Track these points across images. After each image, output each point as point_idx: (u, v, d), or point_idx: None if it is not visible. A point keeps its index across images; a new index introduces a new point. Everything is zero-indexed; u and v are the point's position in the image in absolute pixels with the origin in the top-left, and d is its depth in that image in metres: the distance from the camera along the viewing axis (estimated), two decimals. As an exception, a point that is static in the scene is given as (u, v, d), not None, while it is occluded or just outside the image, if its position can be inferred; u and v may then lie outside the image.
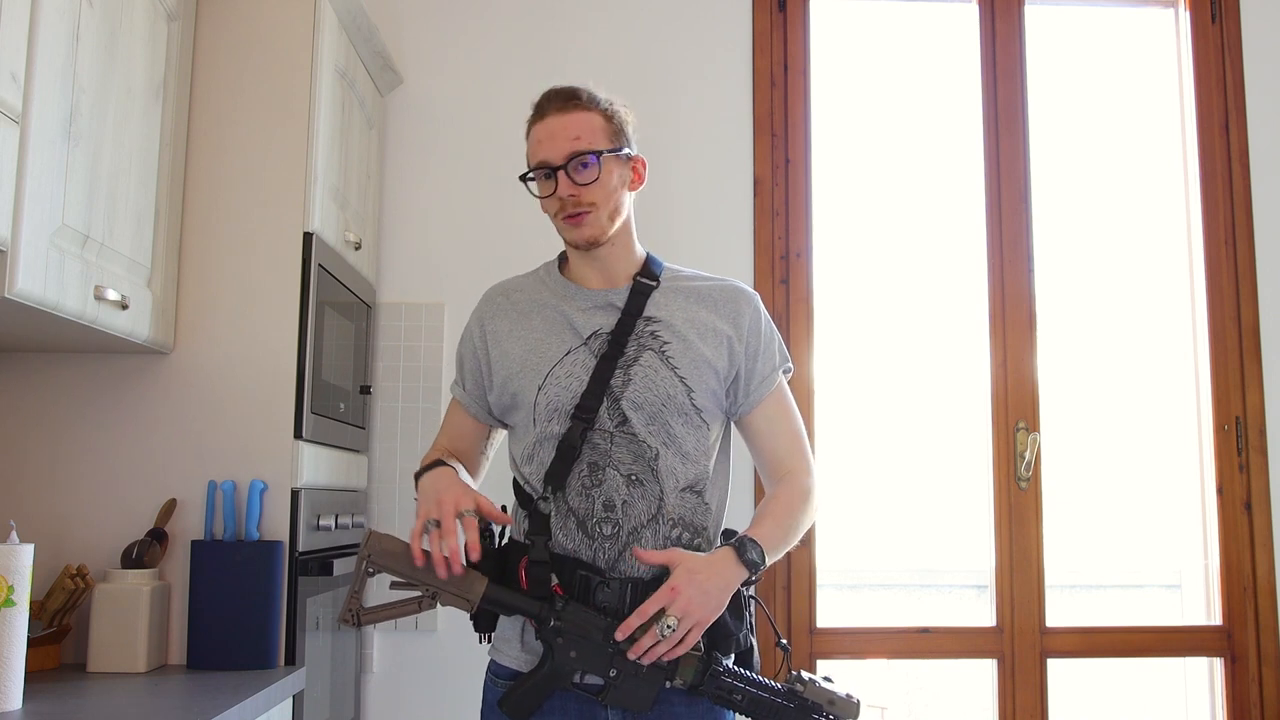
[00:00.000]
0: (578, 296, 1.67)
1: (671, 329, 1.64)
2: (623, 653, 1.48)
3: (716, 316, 1.67)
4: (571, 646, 1.50)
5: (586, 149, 1.61)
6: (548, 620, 1.50)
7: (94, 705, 1.68)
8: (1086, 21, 3.07)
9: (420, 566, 1.49)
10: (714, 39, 2.84)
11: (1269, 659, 2.72)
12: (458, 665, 2.61)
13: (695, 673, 1.49)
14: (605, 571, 1.55)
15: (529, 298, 1.71)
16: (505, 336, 1.68)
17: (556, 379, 1.62)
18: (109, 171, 1.78)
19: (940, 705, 2.95)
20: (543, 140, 1.64)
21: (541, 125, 1.65)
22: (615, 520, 1.57)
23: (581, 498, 1.58)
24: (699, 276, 1.73)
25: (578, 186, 1.60)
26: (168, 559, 2.02)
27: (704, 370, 1.63)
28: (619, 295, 1.66)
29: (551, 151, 1.62)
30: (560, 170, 1.61)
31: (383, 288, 2.71)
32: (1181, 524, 2.91)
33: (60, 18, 1.60)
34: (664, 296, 1.67)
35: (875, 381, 2.92)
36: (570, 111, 1.63)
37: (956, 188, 2.93)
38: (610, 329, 1.63)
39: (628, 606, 1.51)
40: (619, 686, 1.50)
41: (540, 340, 1.65)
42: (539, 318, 1.68)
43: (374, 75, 2.61)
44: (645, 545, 1.57)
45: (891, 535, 2.94)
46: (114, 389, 2.05)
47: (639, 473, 1.59)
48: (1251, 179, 2.84)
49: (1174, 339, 2.93)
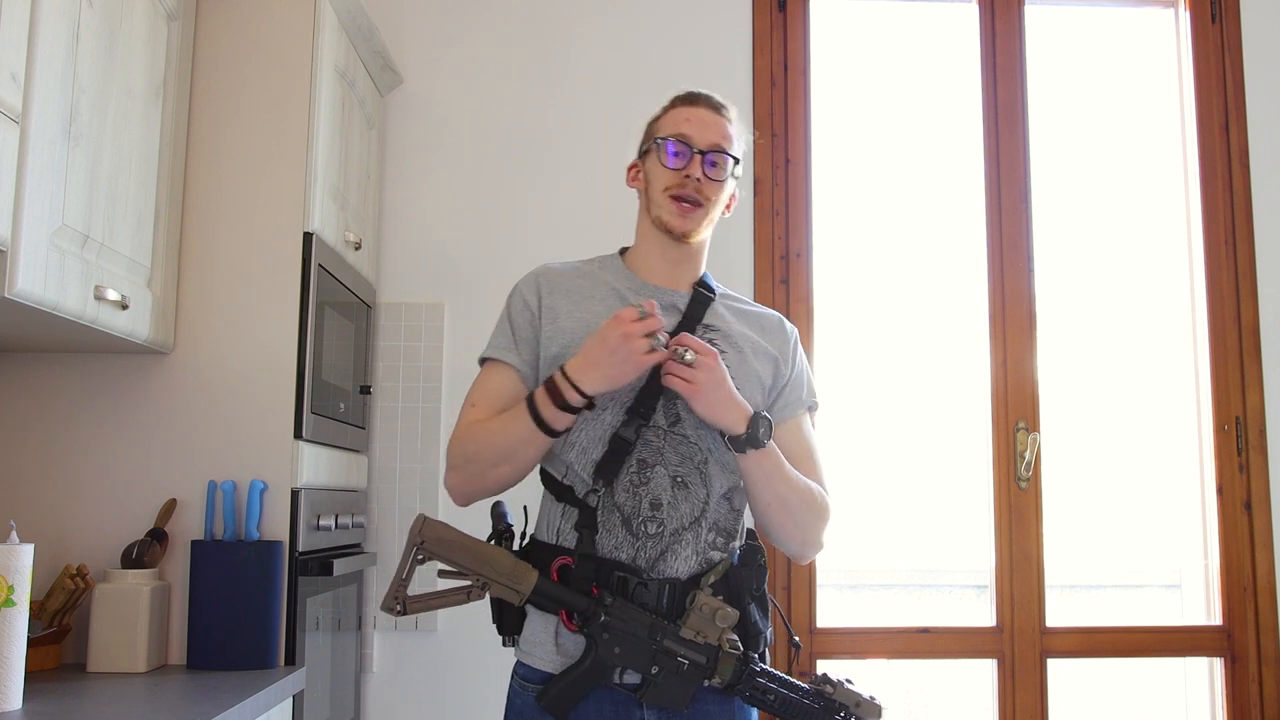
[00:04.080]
0: (643, 291, 1.67)
1: (729, 340, 1.66)
2: (665, 651, 1.49)
3: (766, 338, 1.71)
4: (616, 643, 1.50)
5: (729, 150, 1.66)
6: (596, 615, 1.50)
7: (94, 705, 1.68)
8: (1086, 21, 3.07)
9: (474, 554, 1.49)
10: (714, 39, 2.84)
11: (1269, 659, 2.72)
12: (458, 665, 2.61)
13: (733, 672, 1.50)
14: (644, 571, 1.55)
15: (592, 282, 1.70)
16: (563, 314, 1.65)
17: None
18: (109, 171, 1.78)
19: (940, 705, 2.95)
20: (692, 120, 1.66)
21: (692, 109, 1.67)
22: (660, 520, 1.57)
23: (628, 494, 1.57)
24: (745, 300, 1.79)
25: (706, 179, 1.63)
26: (168, 559, 2.02)
27: (753, 384, 1.65)
28: (681, 299, 1.68)
29: (699, 135, 1.64)
30: (699, 154, 1.63)
31: (383, 288, 2.71)
32: (1181, 524, 2.91)
33: (60, 18, 1.60)
34: (721, 309, 1.71)
35: (875, 382, 2.92)
36: (723, 116, 1.67)
37: (956, 188, 2.93)
38: (670, 329, 1.62)
39: (666, 607, 1.53)
40: (659, 684, 1.50)
41: (599, 323, 1.62)
42: (600, 302, 1.66)
43: (374, 75, 2.61)
44: (685, 548, 1.57)
45: (892, 535, 2.93)
46: (114, 389, 2.05)
47: (686, 475, 1.59)
48: (1251, 179, 2.84)
49: (1174, 339, 2.93)
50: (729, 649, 1.50)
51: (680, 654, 1.50)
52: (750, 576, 1.59)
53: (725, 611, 1.49)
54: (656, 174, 1.66)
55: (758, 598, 1.59)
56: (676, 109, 1.69)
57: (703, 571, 1.56)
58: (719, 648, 1.50)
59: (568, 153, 2.78)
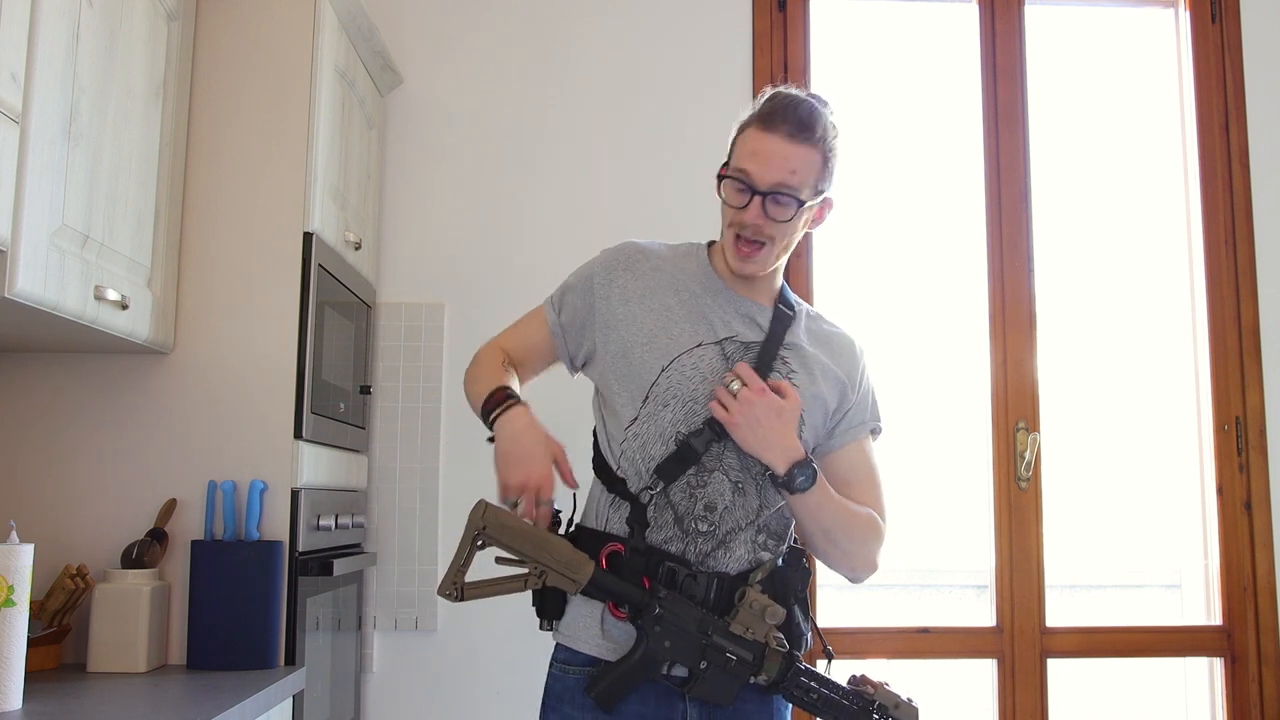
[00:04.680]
0: (721, 295, 1.65)
1: (801, 361, 1.65)
2: (715, 646, 1.50)
3: (836, 361, 1.70)
4: (667, 636, 1.50)
5: (794, 190, 1.55)
6: (650, 608, 1.50)
7: (94, 705, 1.68)
8: (1086, 21, 3.07)
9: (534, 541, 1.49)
10: (714, 39, 2.84)
11: (1269, 659, 2.72)
12: (458, 665, 2.61)
13: (779, 670, 1.51)
14: (693, 565, 1.55)
15: (671, 272, 1.67)
16: (636, 300, 1.63)
17: (683, 366, 1.59)
18: (109, 171, 1.78)
19: (940, 705, 2.95)
20: (757, 153, 1.55)
21: (764, 138, 1.56)
22: (713, 521, 1.57)
23: (684, 495, 1.58)
24: (822, 318, 1.76)
25: (767, 219, 1.56)
26: (168, 559, 2.02)
27: (816, 407, 1.64)
28: (761, 313, 1.66)
29: (760, 173, 1.55)
30: (759, 196, 1.55)
31: (383, 288, 2.71)
32: (1181, 524, 2.91)
33: (60, 18, 1.60)
34: (800, 329, 1.68)
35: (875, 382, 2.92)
36: (799, 144, 1.55)
37: (956, 188, 2.93)
38: (746, 340, 1.63)
39: (713, 601, 1.53)
40: (706, 679, 1.50)
41: (675, 322, 1.62)
42: (677, 298, 1.64)
43: (374, 75, 2.61)
44: (735, 550, 1.58)
45: (892, 535, 2.93)
46: (114, 389, 2.05)
47: (744, 482, 1.59)
48: (1251, 179, 2.84)
49: (1174, 339, 2.93)
50: (776, 646, 1.51)
51: (729, 649, 1.50)
52: (795, 578, 1.62)
53: (774, 609, 1.50)
54: (725, 207, 1.61)
55: (801, 600, 1.61)
56: (751, 131, 1.58)
57: (751, 569, 1.58)
58: (766, 645, 1.51)
59: (568, 153, 2.78)
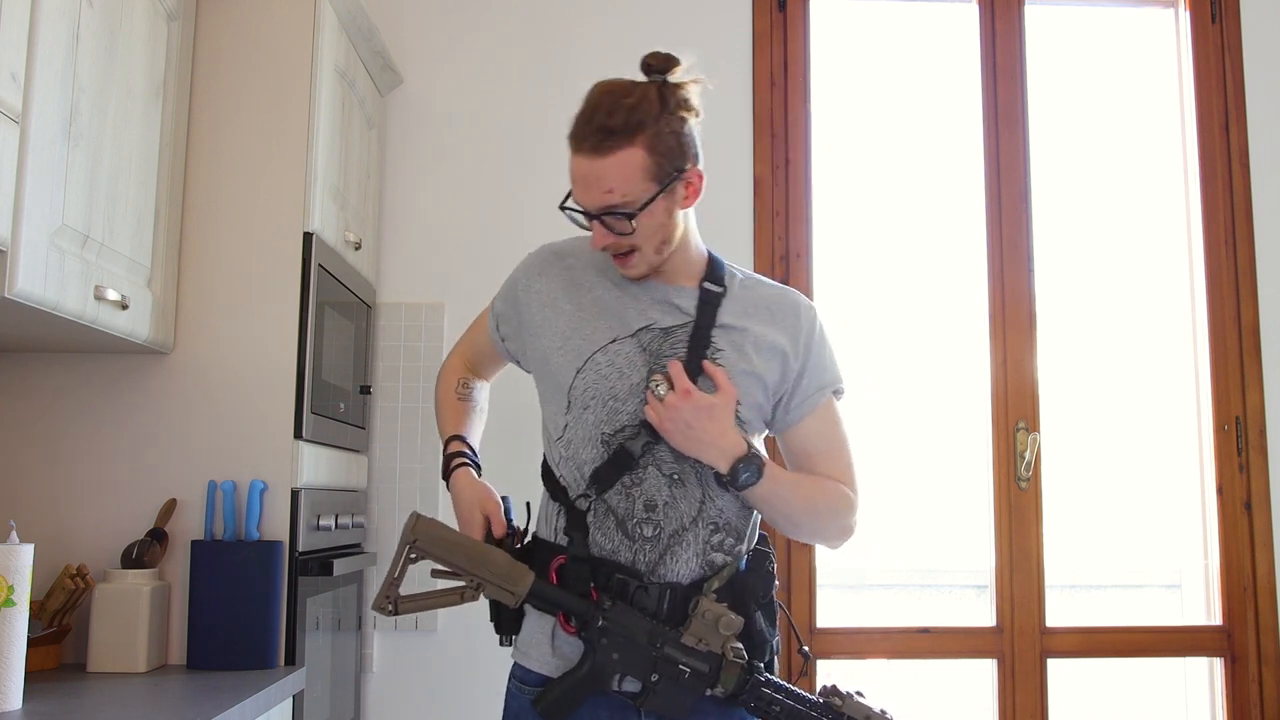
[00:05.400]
0: (638, 285, 1.61)
1: (730, 339, 1.58)
2: (666, 658, 1.45)
3: (775, 329, 1.62)
4: (615, 648, 1.46)
5: (620, 206, 1.49)
6: (594, 619, 1.46)
7: (94, 705, 1.68)
8: (1086, 21, 3.07)
9: (469, 554, 1.49)
10: (714, 39, 2.83)
11: (1269, 659, 2.72)
12: (458, 665, 2.61)
13: (737, 681, 1.46)
14: (644, 575, 1.51)
15: (583, 270, 1.64)
16: (550, 304, 1.61)
17: (597, 365, 1.55)
18: (109, 171, 1.78)
19: (940, 705, 2.95)
20: (576, 180, 1.52)
21: (575, 161, 1.51)
22: (657, 521, 1.52)
23: (621, 497, 1.53)
24: (762, 284, 1.68)
25: (614, 236, 1.52)
26: (168, 559, 2.02)
27: (752, 385, 1.57)
28: (682, 296, 1.60)
29: (585, 198, 1.52)
30: (594, 219, 1.52)
31: (383, 288, 2.71)
32: (1181, 524, 2.91)
33: (60, 18, 1.60)
34: (731, 306, 1.61)
35: (875, 381, 2.92)
36: (605, 155, 1.47)
37: (956, 188, 2.93)
38: (665, 326, 1.57)
39: (666, 612, 1.48)
40: (658, 692, 1.46)
41: (587, 322, 1.58)
42: (590, 295, 1.61)
43: (374, 75, 2.61)
44: (685, 550, 1.53)
45: (892, 535, 2.93)
46: (114, 389, 2.05)
47: (680, 472, 1.54)
48: (1251, 179, 2.84)
49: (1174, 339, 2.93)
50: (733, 657, 1.45)
51: (682, 662, 1.45)
52: (757, 583, 1.55)
53: (729, 619, 1.45)
54: None
55: (764, 605, 1.55)
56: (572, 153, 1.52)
57: (705, 576, 1.52)
58: (722, 656, 1.45)
59: (568, 153, 2.77)
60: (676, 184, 1.53)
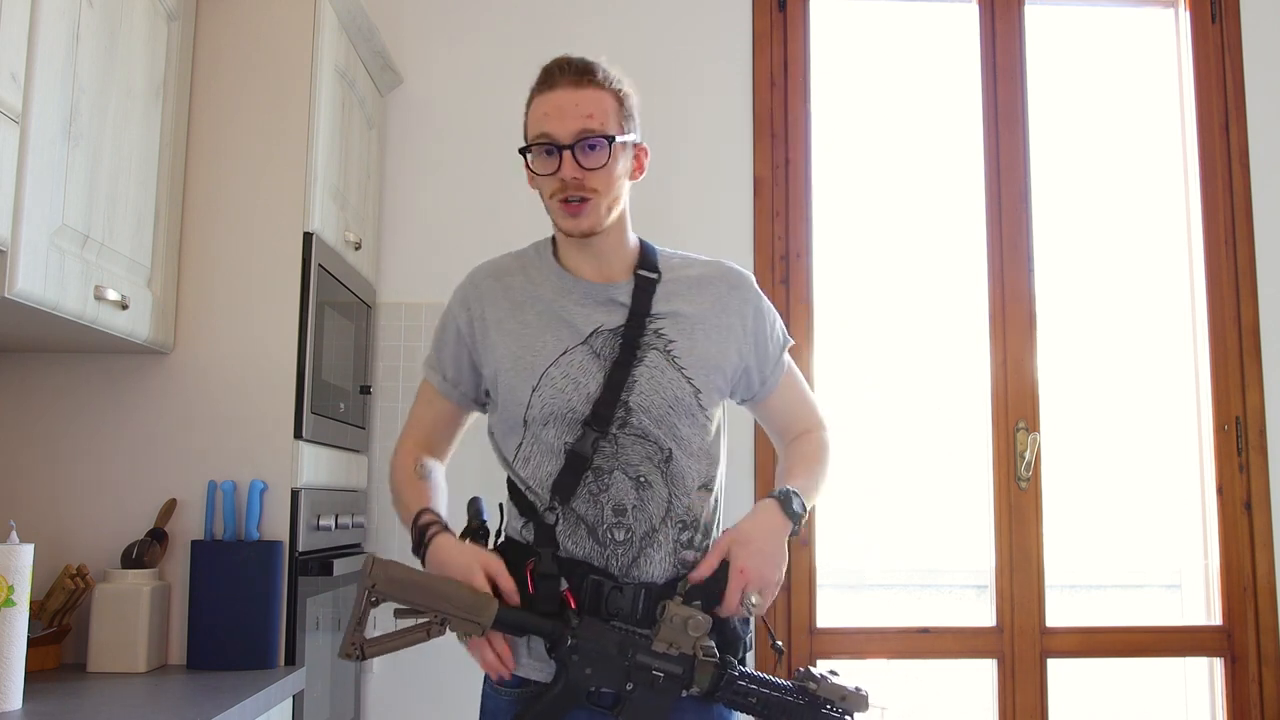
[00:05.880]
0: (575, 290, 1.59)
1: (677, 325, 1.58)
2: (639, 665, 1.45)
3: (719, 308, 1.61)
4: (587, 663, 1.45)
5: (599, 130, 1.50)
6: (564, 639, 1.45)
7: (94, 705, 1.68)
8: (1086, 21, 3.07)
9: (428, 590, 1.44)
10: (714, 39, 2.84)
11: (1269, 659, 2.72)
12: (458, 665, 2.59)
13: (712, 679, 1.45)
14: (618, 577, 1.51)
15: (522, 286, 1.62)
16: (494, 327, 1.59)
17: (552, 380, 1.54)
18: (109, 171, 1.78)
19: (940, 705, 2.95)
20: (550, 114, 1.52)
21: (550, 97, 1.53)
22: (627, 525, 1.52)
23: (589, 504, 1.52)
24: (693, 262, 1.66)
25: (584, 170, 1.50)
26: (168, 559, 2.02)
27: (711, 371, 1.58)
28: (620, 290, 1.58)
29: (560, 128, 1.51)
30: (567, 150, 1.50)
31: (383, 288, 2.71)
32: (1181, 524, 2.91)
33: (60, 18, 1.60)
34: (667, 289, 1.60)
35: (875, 382, 2.92)
36: (584, 88, 1.52)
37: (956, 188, 2.93)
38: (613, 326, 1.56)
39: (640, 612, 1.48)
40: (634, 700, 1.45)
41: (534, 337, 1.57)
42: (533, 311, 1.59)
43: (374, 75, 2.61)
44: (657, 551, 1.53)
45: (892, 535, 2.94)
46: (114, 389, 2.05)
47: (646, 474, 1.54)
48: (1251, 179, 2.84)
49: (1174, 339, 2.93)
50: (704, 656, 1.45)
51: (655, 667, 1.45)
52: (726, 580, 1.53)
53: (696, 620, 1.44)
54: (538, 182, 1.56)
55: None
56: (536, 100, 1.55)
57: (678, 575, 1.52)
58: (694, 657, 1.45)
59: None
60: (633, 149, 1.58)
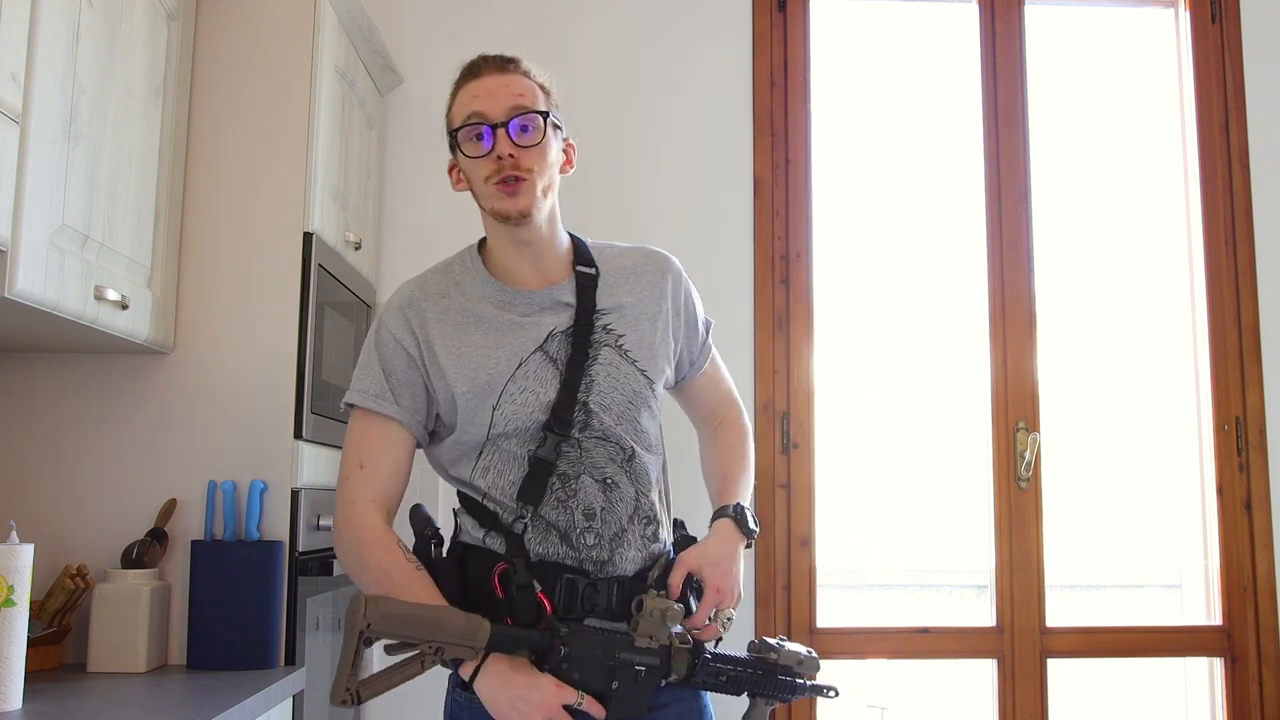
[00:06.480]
0: (519, 301, 1.57)
1: (623, 318, 1.59)
2: (623, 663, 1.47)
3: (656, 294, 1.63)
4: (575, 669, 1.46)
5: (531, 107, 1.52)
6: (555, 650, 1.46)
7: (94, 705, 1.68)
8: (1086, 21, 3.07)
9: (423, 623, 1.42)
10: (714, 39, 2.84)
11: (1269, 659, 2.72)
12: (458, 665, 2.60)
13: (688, 665, 1.50)
14: (592, 574, 1.52)
15: (461, 306, 1.58)
16: (442, 352, 1.55)
17: (511, 396, 1.53)
18: (109, 171, 1.78)
19: (940, 705, 2.95)
20: (480, 95, 1.52)
21: (477, 83, 1.54)
22: (596, 529, 1.53)
23: (558, 510, 1.52)
24: (623, 251, 1.67)
25: (519, 148, 1.50)
26: (168, 559, 2.02)
27: (660, 359, 1.61)
28: (564, 291, 1.58)
29: (491, 106, 1.51)
30: (500, 128, 1.50)
31: (383, 288, 2.71)
32: (1181, 524, 2.91)
33: (60, 18, 1.60)
34: (607, 283, 1.61)
35: (875, 382, 2.92)
36: (511, 74, 1.54)
37: (956, 188, 2.93)
38: (564, 328, 1.55)
39: (616, 605, 1.51)
40: (619, 696, 1.47)
41: (485, 356, 1.54)
42: (478, 330, 1.56)
43: (374, 75, 2.61)
44: (629, 548, 1.54)
45: (892, 535, 2.94)
46: (114, 389, 2.05)
47: (612, 475, 1.54)
48: (1251, 179, 2.84)
49: (1174, 339, 2.93)
50: (679, 644, 1.49)
51: (636, 662, 1.47)
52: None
53: (673, 610, 1.47)
54: (470, 168, 1.55)
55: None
56: (462, 90, 1.56)
57: (647, 565, 1.55)
58: (670, 645, 1.48)
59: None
60: (563, 141, 1.60)
